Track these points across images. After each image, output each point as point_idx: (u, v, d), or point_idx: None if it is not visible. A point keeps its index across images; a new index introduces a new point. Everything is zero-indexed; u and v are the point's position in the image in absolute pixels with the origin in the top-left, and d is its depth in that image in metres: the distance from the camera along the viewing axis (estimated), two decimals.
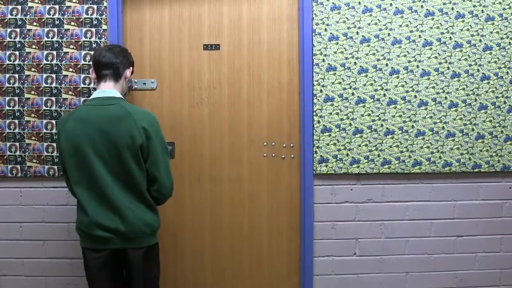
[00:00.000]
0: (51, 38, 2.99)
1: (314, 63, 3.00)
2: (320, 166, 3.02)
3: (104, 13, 2.99)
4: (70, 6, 2.99)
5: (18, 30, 2.98)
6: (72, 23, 3.00)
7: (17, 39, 2.98)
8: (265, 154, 3.22)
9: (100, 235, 2.34)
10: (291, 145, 3.18)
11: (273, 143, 3.21)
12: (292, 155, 3.18)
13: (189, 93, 3.23)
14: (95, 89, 2.98)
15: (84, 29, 3.00)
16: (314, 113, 3.00)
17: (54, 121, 3.00)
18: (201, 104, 3.24)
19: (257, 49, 3.22)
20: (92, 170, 2.31)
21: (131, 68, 2.53)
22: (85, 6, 2.99)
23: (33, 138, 3.01)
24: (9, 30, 2.98)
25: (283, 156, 3.20)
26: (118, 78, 2.45)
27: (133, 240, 2.36)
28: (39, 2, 2.99)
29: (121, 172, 2.33)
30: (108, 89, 2.41)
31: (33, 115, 3.00)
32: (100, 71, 2.43)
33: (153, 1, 3.18)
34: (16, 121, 3.00)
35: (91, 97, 2.42)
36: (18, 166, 3.02)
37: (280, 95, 3.19)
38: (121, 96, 2.43)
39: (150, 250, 2.43)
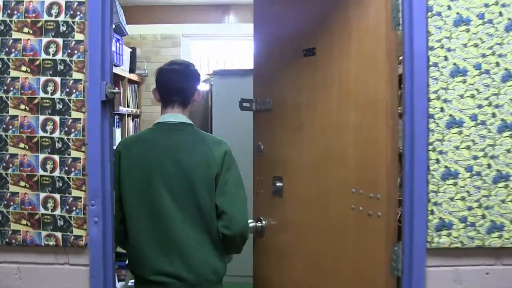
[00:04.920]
0: None
1: (430, 63, 1.79)
2: (439, 235, 1.80)
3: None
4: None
5: None
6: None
7: None
8: (352, 206, 2.04)
9: (157, 280, 2.08)
10: (378, 196, 1.97)
11: (361, 191, 2.03)
12: (379, 213, 1.97)
13: (292, 114, 2.41)
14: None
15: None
16: (430, 147, 1.79)
17: None
18: (301, 129, 2.35)
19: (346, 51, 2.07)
20: (158, 203, 2.08)
21: (199, 90, 2.32)
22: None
23: None
24: None
25: (369, 212, 2.00)
26: (187, 103, 2.25)
27: (195, 287, 2.09)
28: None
29: (192, 208, 2.09)
30: (176, 114, 2.22)
31: None
32: (167, 96, 2.23)
33: None
34: None
35: (158, 120, 2.23)
36: None
37: (365, 115, 2.01)
38: (191, 122, 2.24)
39: None
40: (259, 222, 2.63)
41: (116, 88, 1.94)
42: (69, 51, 1.85)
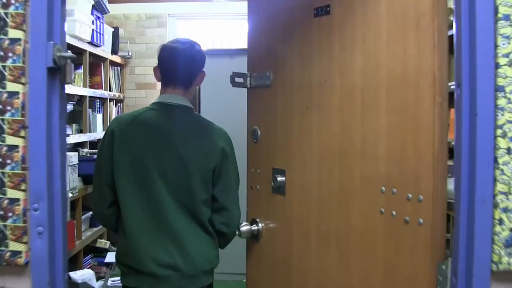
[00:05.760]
0: None
1: (499, 15, 1.30)
2: (509, 253, 1.32)
3: None
4: None
5: None
6: None
7: None
8: (382, 210, 1.56)
9: (154, 272, 1.97)
10: (420, 197, 1.49)
11: (394, 190, 1.54)
12: (420, 219, 1.49)
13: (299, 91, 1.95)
14: None
15: None
16: (499, 131, 1.30)
17: None
18: (311, 110, 1.88)
19: (373, 7, 1.59)
20: (153, 190, 1.99)
21: (204, 73, 2.19)
22: None
23: None
24: None
25: (406, 218, 1.52)
26: (189, 86, 2.14)
27: (192, 278, 2.02)
28: None
29: (185, 197, 2.01)
30: (177, 95, 2.11)
31: None
32: (167, 76, 2.12)
33: None
34: None
35: (156, 100, 2.13)
36: None
37: (404, 94, 1.53)
38: (191, 106, 2.15)
39: None
40: (254, 225, 2.17)
41: (69, 51, 1.43)
42: (4, 0, 1.35)
